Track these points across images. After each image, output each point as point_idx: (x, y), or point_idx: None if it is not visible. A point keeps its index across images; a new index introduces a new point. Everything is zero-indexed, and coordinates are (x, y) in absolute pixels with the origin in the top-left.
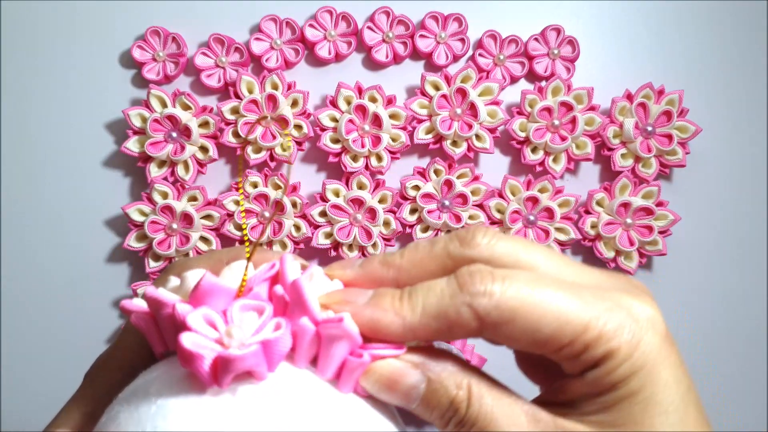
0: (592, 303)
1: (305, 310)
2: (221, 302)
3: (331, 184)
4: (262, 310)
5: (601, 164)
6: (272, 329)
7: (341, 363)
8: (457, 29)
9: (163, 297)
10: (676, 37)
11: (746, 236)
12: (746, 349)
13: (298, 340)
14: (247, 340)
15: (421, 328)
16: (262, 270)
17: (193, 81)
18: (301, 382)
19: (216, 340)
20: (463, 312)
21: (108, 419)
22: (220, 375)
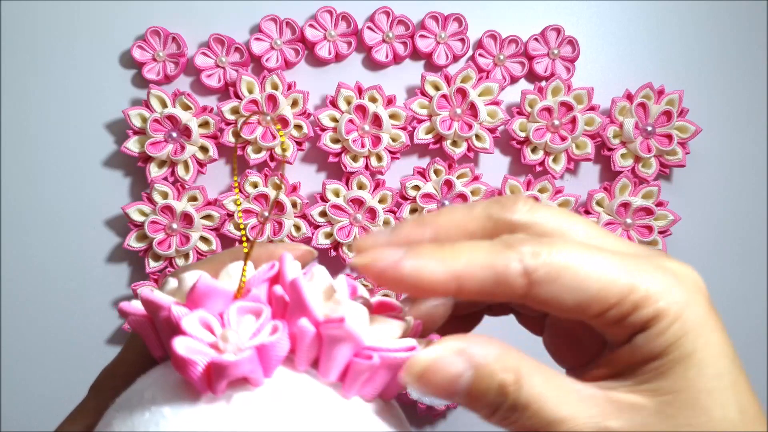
0: (637, 265)
1: (304, 310)
2: (219, 304)
3: (331, 184)
4: (259, 312)
5: (601, 164)
6: (269, 332)
7: (345, 365)
8: (457, 29)
9: (158, 299)
10: (676, 37)
11: (746, 236)
12: (746, 350)
13: (297, 343)
14: (244, 344)
15: (467, 276)
16: (262, 270)
17: (193, 81)
18: (300, 387)
19: (211, 344)
20: (512, 266)
21: (103, 426)
22: (214, 382)
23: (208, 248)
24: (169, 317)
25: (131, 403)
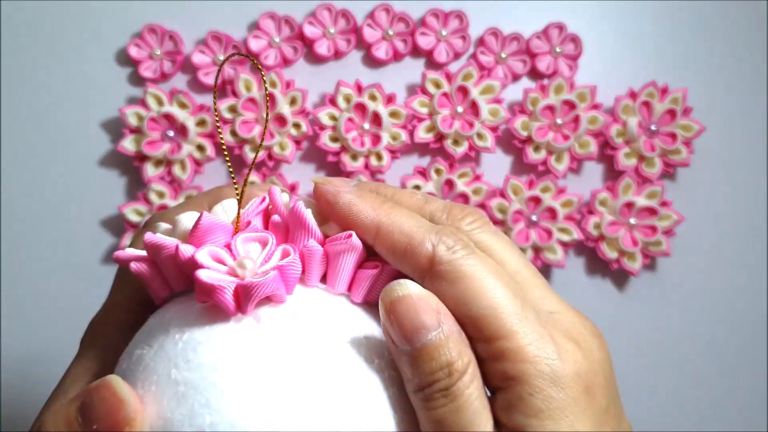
0: (532, 321)
1: (310, 232)
2: (221, 239)
3: None
4: (265, 240)
5: (605, 163)
6: (280, 256)
7: (351, 275)
8: (458, 26)
9: (163, 241)
10: (679, 35)
11: (751, 236)
12: (749, 350)
13: (306, 262)
14: (259, 269)
15: (385, 232)
16: (254, 205)
17: (190, 79)
18: (318, 300)
19: (228, 272)
20: (425, 246)
21: (131, 364)
22: (243, 303)
23: None
24: (177, 255)
25: (157, 339)
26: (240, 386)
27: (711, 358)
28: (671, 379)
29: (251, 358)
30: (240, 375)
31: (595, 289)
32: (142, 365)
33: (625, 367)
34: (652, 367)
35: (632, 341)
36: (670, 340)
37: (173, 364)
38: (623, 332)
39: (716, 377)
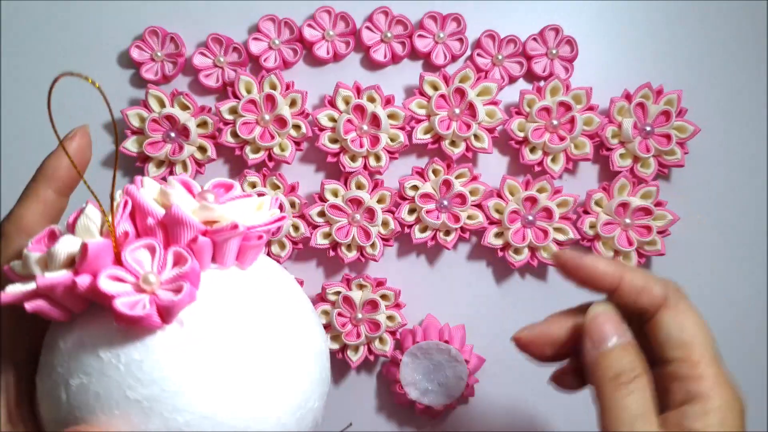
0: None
1: (191, 228)
2: (108, 257)
3: (330, 184)
4: (152, 246)
5: (600, 164)
6: (173, 261)
7: (237, 250)
8: (456, 29)
9: (57, 279)
10: (674, 36)
11: (745, 236)
12: (746, 350)
13: (198, 255)
14: (163, 277)
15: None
16: (119, 210)
17: (191, 81)
18: (221, 279)
19: (135, 289)
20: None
21: (76, 394)
22: (167, 317)
23: None
24: (75, 287)
25: (91, 365)
26: (196, 381)
27: None
28: None
29: (193, 356)
30: (192, 372)
31: None
32: (91, 394)
33: None
34: None
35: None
36: None
37: (126, 386)
38: None
39: None
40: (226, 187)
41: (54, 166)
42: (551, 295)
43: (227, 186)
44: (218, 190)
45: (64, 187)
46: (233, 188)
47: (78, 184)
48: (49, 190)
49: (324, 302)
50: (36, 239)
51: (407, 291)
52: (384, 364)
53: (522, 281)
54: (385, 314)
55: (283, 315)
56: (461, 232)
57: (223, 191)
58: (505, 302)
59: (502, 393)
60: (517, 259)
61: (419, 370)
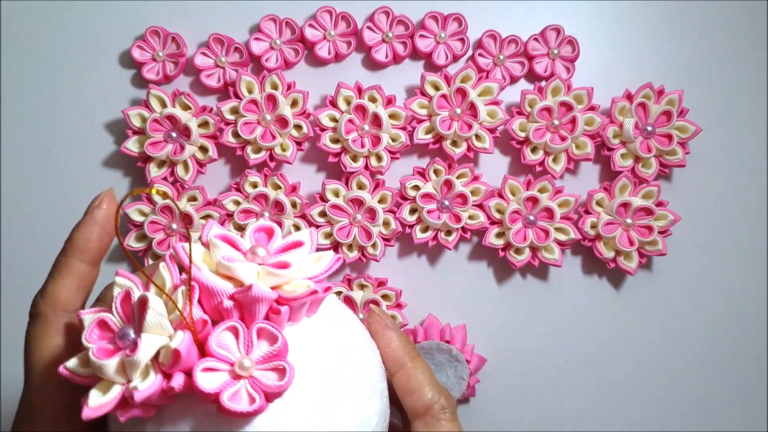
0: None
1: (267, 301)
2: (194, 352)
3: (331, 184)
4: (234, 329)
5: (601, 164)
6: (257, 336)
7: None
8: (457, 29)
9: (150, 390)
10: (675, 37)
11: (746, 236)
12: (746, 349)
13: (278, 324)
14: (255, 357)
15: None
16: (185, 297)
17: (192, 81)
18: (299, 337)
19: (231, 376)
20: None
21: None
22: (273, 399)
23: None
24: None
25: None
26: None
27: (708, 357)
28: (668, 378)
29: (293, 418)
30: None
31: (591, 287)
32: None
33: (622, 365)
34: (648, 366)
35: (628, 339)
36: (666, 339)
37: None
38: (619, 330)
39: (714, 376)
40: (267, 231)
41: (85, 238)
42: (552, 295)
43: (267, 230)
44: (260, 236)
45: (96, 257)
46: (275, 233)
47: (107, 252)
48: (82, 263)
49: None
50: (89, 334)
51: (408, 291)
52: None
53: (523, 281)
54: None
55: (357, 358)
56: (462, 232)
57: (264, 236)
58: (506, 302)
59: (503, 393)
60: (518, 259)
61: None
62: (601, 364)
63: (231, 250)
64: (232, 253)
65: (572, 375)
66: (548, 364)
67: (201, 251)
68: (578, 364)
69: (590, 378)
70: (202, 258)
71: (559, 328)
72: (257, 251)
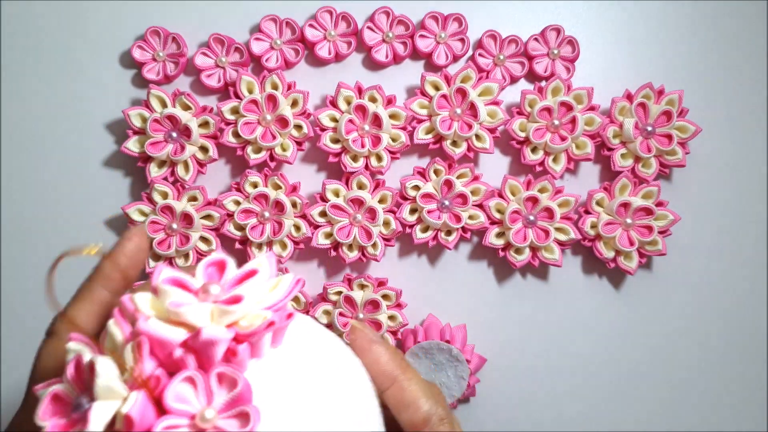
0: None
1: (225, 341)
2: (150, 411)
3: (331, 184)
4: (191, 379)
5: (601, 164)
6: (217, 382)
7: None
8: (457, 29)
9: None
10: (676, 37)
11: (746, 236)
12: (746, 349)
13: (237, 364)
14: (216, 405)
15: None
16: (138, 355)
17: (193, 81)
18: (265, 373)
19: (195, 430)
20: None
21: None
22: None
23: (208, 248)
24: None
25: None
26: None
27: (708, 357)
28: (668, 377)
29: None
30: None
31: (591, 287)
32: None
33: (621, 365)
34: (648, 366)
35: (628, 339)
36: (666, 338)
37: None
38: (619, 330)
39: (714, 376)
40: (218, 265)
41: (111, 268)
42: (552, 295)
43: (219, 264)
44: (211, 271)
45: (119, 288)
46: (227, 265)
47: (132, 285)
48: (105, 290)
49: (325, 302)
50: (42, 412)
51: (408, 291)
52: None
53: (523, 281)
54: (386, 314)
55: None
56: (462, 232)
57: (216, 271)
58: (506, 302)
59: (504, 393)
60: (518, 259)
61: (420, 370)
62: (601, 364)
63: (181, 294)
64: (181, 296)
65: (572, 375)
66: (548, 363)
67: (149, 299)
68: (578, 364)
69: (590, 378)
70: (152, 306)
71: (559, 327)
72: (209, 289)
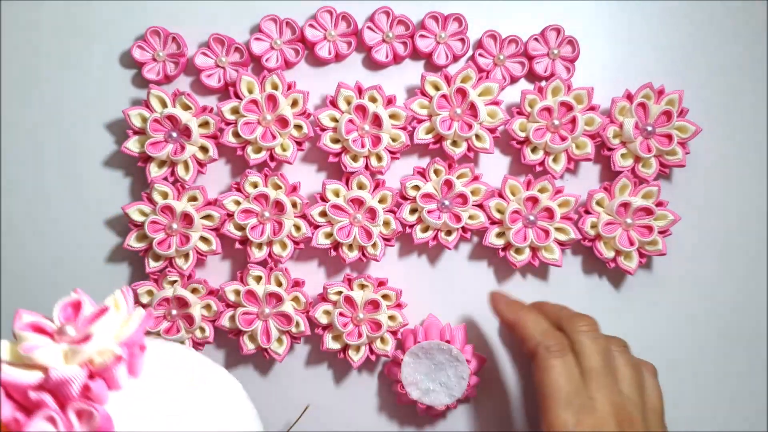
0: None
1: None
2: None
3: (331, 184)
4: (51, 417)
5: (601, 164)
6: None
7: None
8: (457, 29)
9: None
10: (676, 37)
11: (746, 236)
12: (746, 349)
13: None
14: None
15: (515, 326)
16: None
17: (193, 81)
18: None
19: None
20: (533, 342)
21: None
22: None
23: (208, 248)
24: None
25: None
26: None
27: (708, 357)
28: (668, 377)
29: None
30: None
31: (591, 287)
32: None
33: None
34: None
35: (628, 339)
36: (666, 338)
37: None
38: (620, 330)
39: (714, 376)
40: (74, 305)
41: None
42: (552, 295)
43: (74, 304)
44: (66, 312)
45: None
46: (82, 305)
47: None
48: None
49: (325, 302)
50: None
51: (408, 291)
52: (385, 363)
53: (523, 281)
54: (386, 314)
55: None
56: (462, 232)
57: (71, 311)
58: None
59: (504, 393)
60: (518, 259)
61: (420, 370)
62: None
63: (36, 338)
64: (37, 340)
65: None
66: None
67: (8, 345)
68: None
69: None
70: (10, 351)
71: None
72: (65, 330)
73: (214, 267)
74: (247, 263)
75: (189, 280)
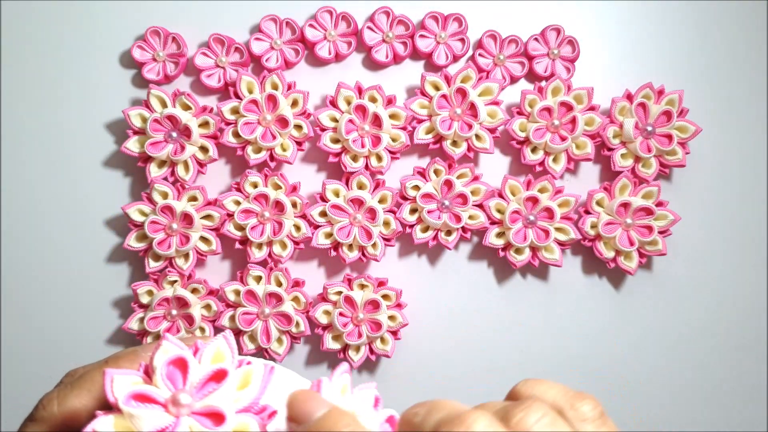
0: None
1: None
2: None
3: (331, 184)
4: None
5: (601, 164)
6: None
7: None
8: (457, 29)
9: None
10: (675, 37)
11: (746, 236)
12: (746, 349)
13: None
14: None
15: None
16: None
17: (193, 81)
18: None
19: None
20: None
21: None
22: None
23: (208, 248)
24: None
25: None
26: None
27: (708, 357)
28: (668, 377)
29: None
30: None
31: (591, 287)
32: None
33: (621, 365)
34: (648, 365)
35: (628, 339)
36: (666, 338)
37: None
38: (619, 330)
39: (714, 376)
40: (179, 364)
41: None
42: (552, 295)
43: (180, 362)
44: (173, 373)
45: None
46: (188, 364)
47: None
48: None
49: (325, 302)
50: None
51: (408, 291)
52: None
53: (523, 281)
54: (386, 314)
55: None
56: (462, 232)
57: (177, 373)
58: (506, 302)
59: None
60: (518, 259)
61: None
62: (600, 364)
63: (149, 412)
64: (150, 415)
65: (572, 375)
66: (548, 363)
67: (113, 422)
68: (578, 364)
69: (590, 377)
70: (115, 426)
71: (559, 328)
72: (179, 399)
73: (214, 267)
74: (247, 263)
75: (189, 280)
